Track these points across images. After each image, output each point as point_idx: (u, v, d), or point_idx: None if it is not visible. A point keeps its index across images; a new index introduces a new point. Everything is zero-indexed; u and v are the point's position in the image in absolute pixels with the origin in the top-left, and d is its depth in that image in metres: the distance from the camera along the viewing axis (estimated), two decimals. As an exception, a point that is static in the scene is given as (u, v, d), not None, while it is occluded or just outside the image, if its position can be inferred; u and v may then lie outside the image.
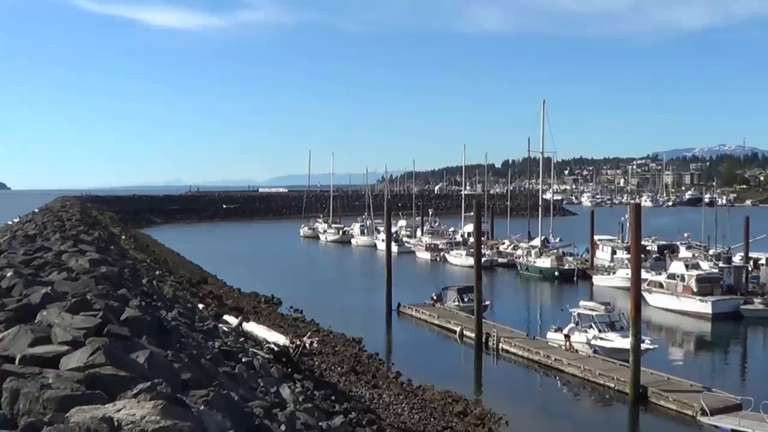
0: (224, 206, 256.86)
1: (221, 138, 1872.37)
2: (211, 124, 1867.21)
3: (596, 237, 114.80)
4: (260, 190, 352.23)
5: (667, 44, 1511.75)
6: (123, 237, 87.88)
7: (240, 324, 42.85)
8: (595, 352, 55.12)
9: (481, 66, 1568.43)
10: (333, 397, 33.17)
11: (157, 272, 59.66)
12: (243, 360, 22.35)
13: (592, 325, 57.44)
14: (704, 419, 41.08)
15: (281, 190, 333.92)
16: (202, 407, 9.01)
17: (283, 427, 13.53)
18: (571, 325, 58.08)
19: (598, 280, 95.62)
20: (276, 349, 38.57)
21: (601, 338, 56.05)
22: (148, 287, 31.40)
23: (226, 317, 45.61)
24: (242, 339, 36.31)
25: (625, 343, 53.68)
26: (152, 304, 23.19)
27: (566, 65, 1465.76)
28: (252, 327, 44.23)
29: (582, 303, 61.78)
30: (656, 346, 52.14)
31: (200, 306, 45.51)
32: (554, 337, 59.09)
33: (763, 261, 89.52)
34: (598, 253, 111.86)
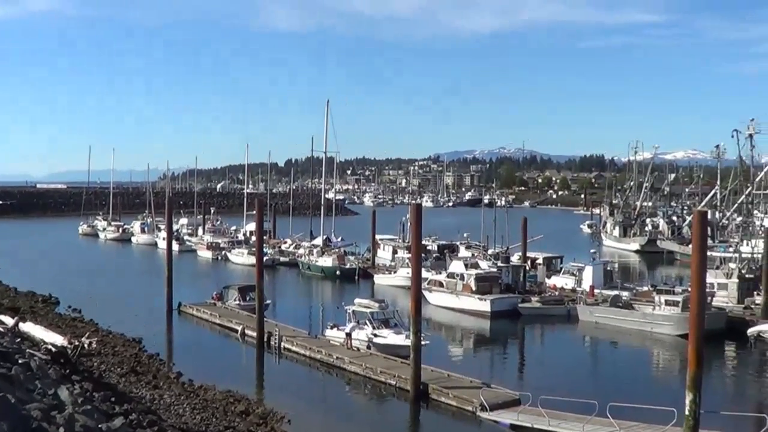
0: (0, 202, 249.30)
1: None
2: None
3: (378, 236, 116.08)
4: (38, 185, 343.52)
5: (452, 48, 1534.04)
6: None
7: (16, 324, 41.69)
8: (368, 347, 55.92)
9: (267, 64, 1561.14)
10: (113, 399, 32.58)
11: None
12: (20, 361, 21.80)
13: (367, 321, 58.22)
14: (484, 414, 42.03)
15: (60, 186, 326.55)
16: (-22, 411, 8.75)
17: (62, 430, 13.26)
18: (353, 323, 58.62)
19: (380, 279, 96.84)
20: (54, 349, 37.66)
21: (376, 335, 56.84)
22: None
23: (1, 317, 44.32)
24: (18, 340, 35.36)
25: (398, 339, 55.02)
26: None
27: (352, 67, 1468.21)
28: (29, 327, 43.10)
29: (357, 300, 62.55)
30: (428, 342, 52.94)
31: (-27, 306, 44.15)
32: (332, 335, 59.78)
33: (540, 260, 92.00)
34: (380, 253, 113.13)
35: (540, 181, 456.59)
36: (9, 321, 42.82)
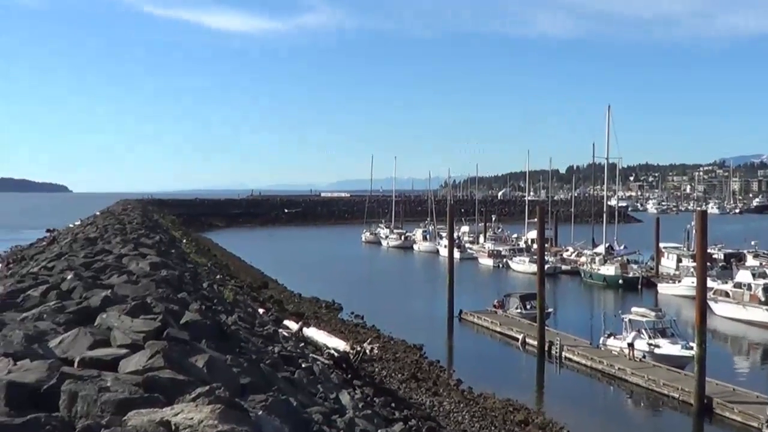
0: (286, 211, 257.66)
1: (284, 142, 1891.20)
2: (273, 128, 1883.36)
3: (661, 244, 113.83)
4: (322, 194, 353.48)
5: (733, 49, 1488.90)
6: (184, 241, 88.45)
7: (300, 329, 42.97)
8: (644, 357, 54.94)
9: (544, 70, 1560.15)
10: (393, 404, 33.17)
11: (218, 276, 60.12)
12: (303, 365, 22.40)
13: (643, 331, 57.19)
14: (770, 431, 40.57)
15: (343, 194, 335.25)
16: (261, 412, 9.04)
17: (341, 433, 13.56)
18: (633, 332, 57.71)
19: (663, 288, 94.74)
20: (336, 355, 38.63)
21: (651, 344, 55.76)
22: (208, 291, 31.66)
23: (286, 322, 45.75)
24: (302, 344, 36.41)
25: (674, 349, 53.91)
26: (212, 308, 23.35)
27: (631, 70, 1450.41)
28: (312, 332, 44.35)
29: (634, 309, 61.54)
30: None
31: (260, 311, 45.72)
32: (608, 344, 58.92)
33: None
34: (664, 261, 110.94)
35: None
36: (294, 326, 44.16)
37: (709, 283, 64.06)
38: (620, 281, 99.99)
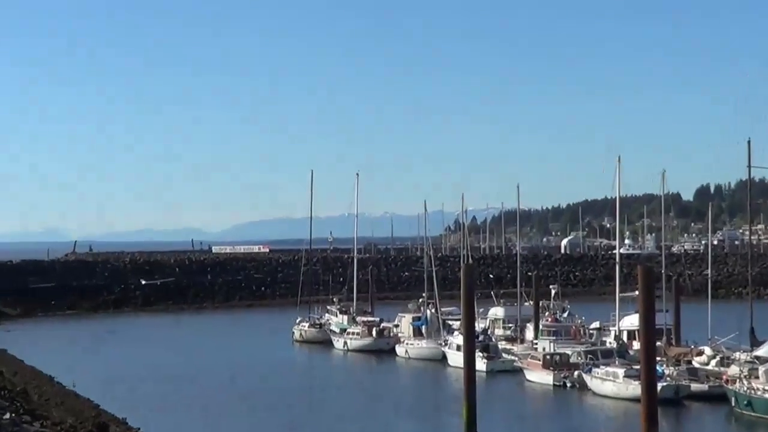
0: (144, 282, 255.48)
1: (139, 157, 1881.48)
2: (117, 133, 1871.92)
3: None
4: (214, 249, 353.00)
5: None
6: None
7: None
8: None
9: (642, 16, 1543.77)
10: None
11: (8, 415, 59.70)
12: None
13: None
14: None
15: (255, 248, 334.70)
16: None
17: None
18: None
19: None
20: None
21: None
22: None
23: None
24: None
25: None
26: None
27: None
28: None
29: None
30: None
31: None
32: None
33: None
34: None
35: None
36: None
37: None
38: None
